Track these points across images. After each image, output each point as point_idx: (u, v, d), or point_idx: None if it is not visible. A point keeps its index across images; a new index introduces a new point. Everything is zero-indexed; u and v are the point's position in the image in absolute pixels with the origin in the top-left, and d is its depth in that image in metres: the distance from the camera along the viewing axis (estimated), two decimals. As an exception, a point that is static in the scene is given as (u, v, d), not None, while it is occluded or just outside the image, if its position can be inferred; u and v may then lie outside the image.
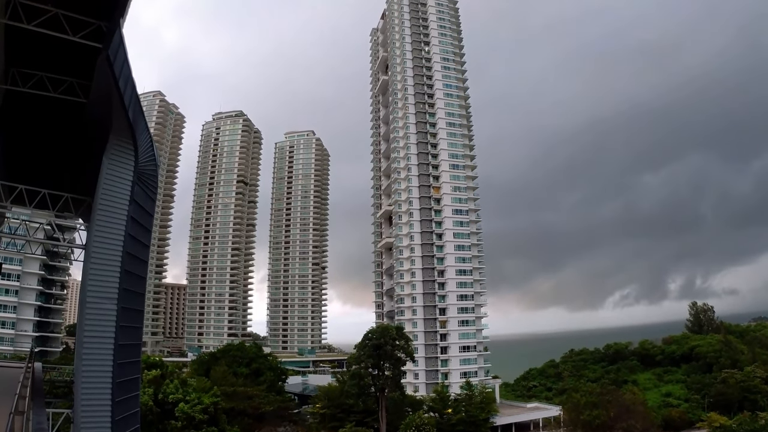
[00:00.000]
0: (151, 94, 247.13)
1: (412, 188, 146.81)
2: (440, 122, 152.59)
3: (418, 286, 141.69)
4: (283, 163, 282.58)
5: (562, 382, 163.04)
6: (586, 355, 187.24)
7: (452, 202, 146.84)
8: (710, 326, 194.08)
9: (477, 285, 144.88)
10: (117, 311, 28.98)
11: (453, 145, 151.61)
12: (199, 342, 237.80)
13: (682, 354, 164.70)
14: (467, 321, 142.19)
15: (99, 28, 24.21)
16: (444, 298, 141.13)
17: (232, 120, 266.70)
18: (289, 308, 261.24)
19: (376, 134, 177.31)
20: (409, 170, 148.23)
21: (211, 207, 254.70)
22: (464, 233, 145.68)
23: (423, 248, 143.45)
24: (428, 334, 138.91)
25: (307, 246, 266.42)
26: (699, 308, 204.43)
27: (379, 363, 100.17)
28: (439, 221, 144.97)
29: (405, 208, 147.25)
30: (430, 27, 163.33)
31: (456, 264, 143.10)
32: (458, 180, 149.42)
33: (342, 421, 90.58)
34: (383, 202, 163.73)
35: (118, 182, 30.51)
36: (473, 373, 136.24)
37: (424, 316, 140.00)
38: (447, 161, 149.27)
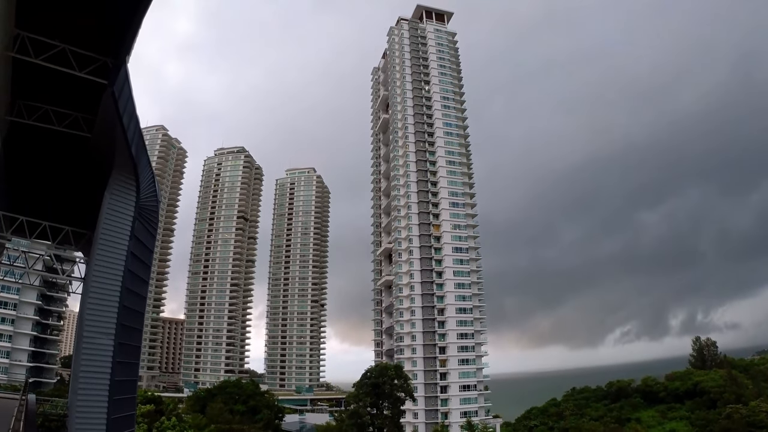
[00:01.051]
0: (154, 128, 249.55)
1: (412, 226, 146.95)
2: (440, 160, 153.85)
3: (418, 324, 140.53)
4: (283, 199, 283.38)
5: (564, 421, 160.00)
6: (588, 393, 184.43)
7: (452, 240, 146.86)
8: (714, 361, 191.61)
9: (477, 323, 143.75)
10: (114, 347, 28.75)
11: (453, 183, 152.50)
12: (195, 378, 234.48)
13: (685, 390, 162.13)
14: (467, 359, 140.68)
15: (105, 64, 24.61)
16: (444, 337, 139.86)
17: (233, 156, 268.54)
18: (287, 345, 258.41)
19: (376, 172, 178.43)
20: (409, 208, 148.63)
21: (211, 242, 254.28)
22: (464, 271, 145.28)
23: (423, 286, 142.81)
24: (428, 373, 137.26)
25: (307, 283, 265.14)
26: (702, 343, 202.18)
27: (377, 402, 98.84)
28: (439, 259, 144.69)
29: (405, 246, 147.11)
30: (430, 66, 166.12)
31: (456, 302, 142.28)
32: (458, 218, 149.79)
33: None
34: (383, 239, 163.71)
35: (119, 217, 30.60)
36: (474, 413, 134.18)
37: (423, 355, 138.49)
38: (447, 199, 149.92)
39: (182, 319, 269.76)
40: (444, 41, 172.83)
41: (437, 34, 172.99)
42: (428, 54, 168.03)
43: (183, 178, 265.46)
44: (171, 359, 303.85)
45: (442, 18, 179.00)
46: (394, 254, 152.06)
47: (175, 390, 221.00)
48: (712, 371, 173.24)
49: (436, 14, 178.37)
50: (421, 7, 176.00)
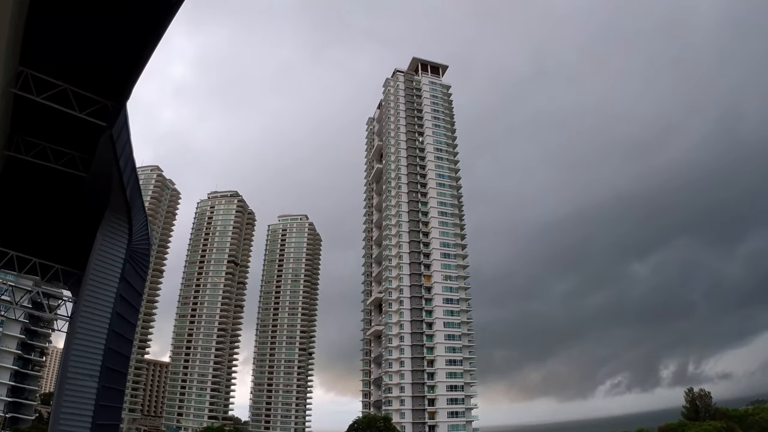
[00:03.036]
0: (149, 168, 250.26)
1: (403, 276, 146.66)
2: (432, 211, 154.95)
3: (407, 375, 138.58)
4: (275, 245, 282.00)
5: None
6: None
7: (443, 291, 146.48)
8: (707, 412, 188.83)
9: (467, 375, 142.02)
10: (98, 390, 28.50)
11: (444, 234, 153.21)
12: (177, 422, 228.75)
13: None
14: (457, 412, 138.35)
15: (105, 106, 25.12)
16: (433, 389, 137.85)
17: (227, 200, 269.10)
18: (273, 393, 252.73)
19: (368, 221, 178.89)
20: (401, 258, 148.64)
21: (200, 285, 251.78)
22: (454, 322, 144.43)
23: (413, 337, 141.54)
24: (416, 425, 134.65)
25: (295, 330, 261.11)
26: (695, 394, 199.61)
27: None
28: (429, 310, 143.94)
29: (395, 296, 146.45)
30: (424, 118, 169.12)
31: (446, 354, 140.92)
32: (449, 269, 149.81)
33: None
34: (373, 289, 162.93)
35: (110, 259, 30.70)
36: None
37: (412, 407, 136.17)
38: (438, 250, 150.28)
39: (167, 362, 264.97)
40: (438, 93, 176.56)
41: (432, 86, 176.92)
42: (423, 105, 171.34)
43: (175, 219, 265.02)
44: (154, 402, 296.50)
45: (437, 71, 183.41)
46: (384, 304, 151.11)
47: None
48: (705, 423, 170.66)
49: (432, 67, 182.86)
50: (417, 60, 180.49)
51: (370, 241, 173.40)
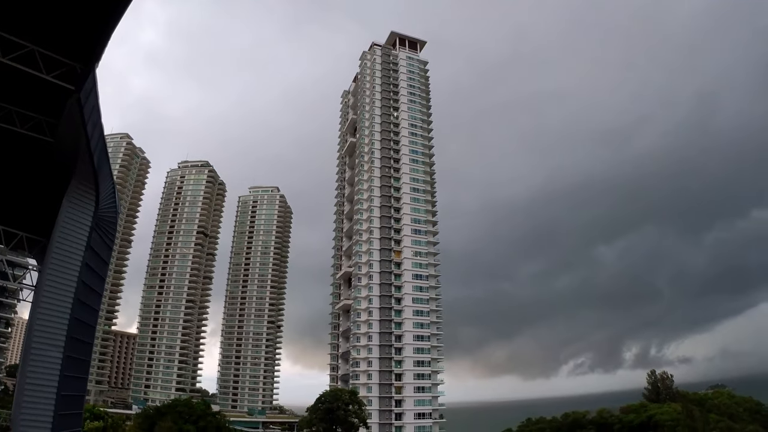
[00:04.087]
0: (118, 136, 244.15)
1: (374, 251, 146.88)
2: (404, 187, 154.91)
3: (375, 350, 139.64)
4: (245, 217, 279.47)
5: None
6: (543, 423, 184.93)
7: (413, 267, 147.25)
8: (668, 395, 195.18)
9: (434, 351, 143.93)
10: (62, 360, 28.05)
11: (416, 211, 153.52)
12: (145, 395, 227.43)
13: (640, 423, 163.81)
14: (424, 387, 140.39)
15: (73, 69, 24.24)
16: (401, 363, 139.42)
17: (197, 170, 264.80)
18: (241, 366, 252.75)
19: (340, 195, 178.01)
20: (371, 233, 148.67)
21: (169, 256, 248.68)
22: (423, 299, 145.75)
23: (381, 312, 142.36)
24: (383, 400, 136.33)
25: (264, 303, 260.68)
26: (657, 377, 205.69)
27: (331, 427, 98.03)
28: (398, 285, 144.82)
29: (365, 271, 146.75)
30: (400, 93, 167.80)
31: (414, 329, 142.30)
32: (419, 245, 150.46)
33: None
34: (343, 263, 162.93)
35: (76, 227, 29.91)
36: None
37: (379, 381, 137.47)
38: (409, 226, 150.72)
39: (134, 334, 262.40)
40: (415, 69, 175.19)
41: (409, 62, 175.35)
42: (399, 80, 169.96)
43: (144, 188, 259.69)
44: (121, 374, 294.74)
45: (415, 46, 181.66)
46: (353, 278, 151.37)
47: (124, 406, 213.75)
48: (666, 404, 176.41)
49: (410, 42, 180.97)
50: (395, 34, 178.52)
51: (341, 215, 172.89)
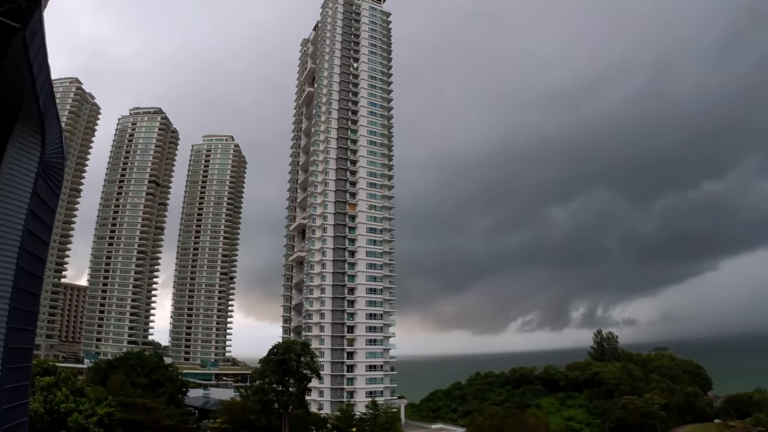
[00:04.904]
0: (67, 81, 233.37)
1: (328, 203, 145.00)
2: (361, 140, 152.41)
3: (328, 302, 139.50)
4: (198, 166, 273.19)
5: (467, 404, 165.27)
6: (491, 378, 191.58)
7: (367, 220, 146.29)
8: (613, 354, 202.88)
9: (387, 305, 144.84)
10: (9, 311, 27.17)
11: (372, 164, 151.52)
12: (96, 348, 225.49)
13: (584, 380, 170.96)
14: (375, 340, 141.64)
15: (18, 6, 23.01)
16: (353, 316, 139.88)
17: (149, 117, 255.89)
18: (193, 318, 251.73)
19: (296, 146, 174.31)
20: (326, 185, 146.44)
21: (120, 206, 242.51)
22: (377, 252, 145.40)
23: (335, 264, 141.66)
24: (335, 352, 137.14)
25: (216, 254, 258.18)
26: (603, 336, 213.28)
27: (283, 379, 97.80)
28: (352, 238, 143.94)
29: (319, 223, 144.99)
30: (361, 44, 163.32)
31: (367, 282, 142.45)
32: (374, 198, 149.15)
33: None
34: (297, 215, 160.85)
35: (20, 173, 28.58)
36: (379, 393, 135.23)
37: (331, 333, 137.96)
38: (365, 179, 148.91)
39: (85, 286, 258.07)
40: (378, 20, 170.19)
41: (372, 12, 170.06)
42: (360, 31, 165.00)
43: (94, 135, 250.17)
44: (72, 328, 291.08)
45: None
46: (307, 230, 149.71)
47: (75, 360, 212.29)
48: (610, 363, 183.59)
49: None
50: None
51: (296, 166, 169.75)
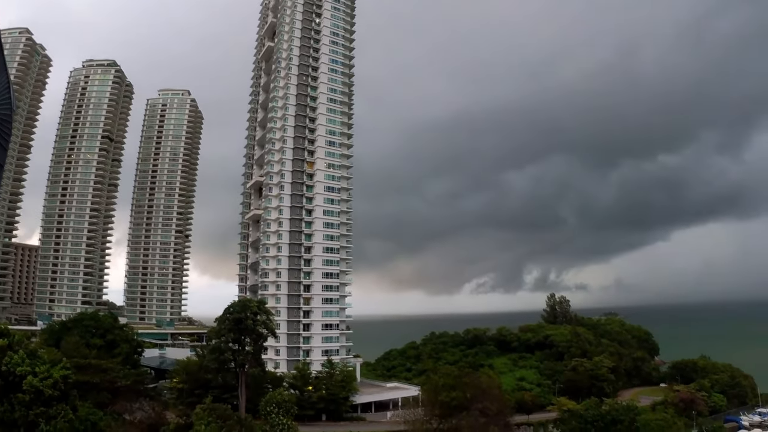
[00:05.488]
0: (16, 31, 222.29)
1: (286, 161, 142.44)
2: (321, 97, 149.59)
3: (284, 260, 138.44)
4: (153, 121, 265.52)
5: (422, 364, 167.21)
6: (446, 338, 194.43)
7: (325, 179, 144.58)
8: (564, 318, 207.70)
9: (343, 264, 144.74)
10: None
11: (331, 122, 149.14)
12: (50, 309, 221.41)
13: (536, 342, 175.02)
14: (331, 299, 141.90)
15: None
16: (309, 275, 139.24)
17: (103, 69, 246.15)
18: (148, 277, 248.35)
19: (254, 102, 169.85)
20: (284, 142, 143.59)
21: (72, 162, 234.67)
22: (334, 211, 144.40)
23: (291, 223, 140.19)
24: (291, 311, 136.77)
25: (172, 212, 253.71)
26: (555, 300, 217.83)
27: (239, 338, 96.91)
28: (310, 197, 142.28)
29: (276, 181, 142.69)
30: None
31: (324, 241, 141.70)
32: (333, 157, 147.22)
33: (200, 397, 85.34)
34: (255, 172, 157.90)
35: None
36: (335, 352, 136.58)
37: (288, 292, 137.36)
38: (324, 137, 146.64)
39: (37, 246, 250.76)
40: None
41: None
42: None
43: (45, 89, 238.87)
44: (24, 289, 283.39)
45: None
46: (264, 188, 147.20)
47: (28, 323, 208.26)
48: (562, 326, 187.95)
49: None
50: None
51: (254, 122, 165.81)
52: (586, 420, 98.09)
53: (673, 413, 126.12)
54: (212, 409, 74.49)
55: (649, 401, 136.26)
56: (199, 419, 72.06)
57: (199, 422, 71.62)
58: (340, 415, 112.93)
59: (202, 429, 70.34)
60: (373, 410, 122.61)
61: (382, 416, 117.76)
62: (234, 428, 72.21)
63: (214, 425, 70.83)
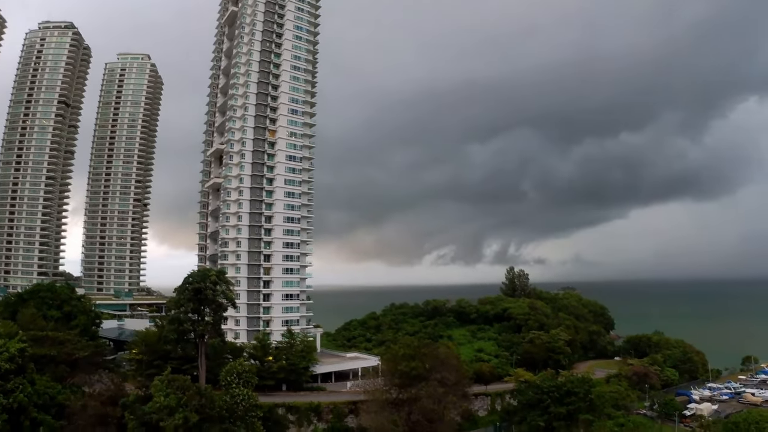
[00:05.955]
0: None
1: (247, 128, 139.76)
2: (285, 64, 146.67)
3: (244, 230, 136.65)
4: (111, 86, 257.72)
5: (382, 334, 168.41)
6: (406, 309, 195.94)
7: (287, 148, 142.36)
8: (523, 291, 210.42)
9: (304, 234, 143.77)
10: None
11: (295, 90, 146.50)
12: (5, 281, 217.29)
13: (495, 314, 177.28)
14: (292, 269, 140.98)
15: None
16: (270, 245, 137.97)
17: (60, 32, 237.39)
18: (106, 246, 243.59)
19: (216, 67, 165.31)
20: (246, 110, 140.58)
21: (27, 128, 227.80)
22: (296, 180, 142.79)
23: (252, 192, 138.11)
24: (251, 280, 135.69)
25: (130, 180, 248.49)
26: (514, 273, 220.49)
27: (199, 308, 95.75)
28: (271, 166, 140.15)
29: (237, 149, 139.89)
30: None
31: (285, 211, 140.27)
32: (295, 126, 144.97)
33: (160, 368, 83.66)
34: (215, 140, 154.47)
35: None
36: (295, 322, 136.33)
37: (248, 262, 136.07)
38: (286, 105, 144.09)
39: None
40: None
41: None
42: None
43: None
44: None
45: None
46: (225, 156, 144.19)
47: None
48: (520, 299, 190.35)
49: None
50: None
51: (215, 89, 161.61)
52: (542, 391, 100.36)
53: (627, 386, 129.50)
54: (171, 380, 73.70)
55: (603, 374, 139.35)
56: (158, 390, 71.40)
57: (158, 394, 70.97)
58: (301, 385, 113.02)
59: (161, 400, 69.82)
60: (333, 380, 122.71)
61: (343, 386, 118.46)
62: (193, 399, 71.60)
63: (173, 396, 70.30)
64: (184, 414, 68.81)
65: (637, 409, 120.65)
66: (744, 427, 77.32)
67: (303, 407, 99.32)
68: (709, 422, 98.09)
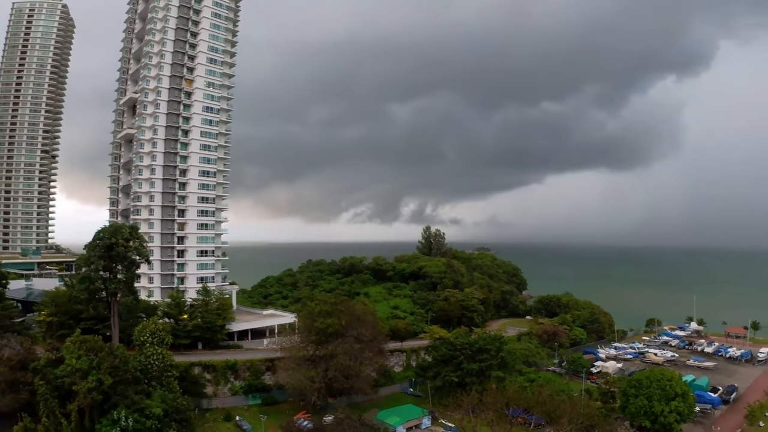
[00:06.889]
0: None
1: (163, 77, 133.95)
2: (205, 10, 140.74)
3: (158, 184, 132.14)
4: (18, 28, 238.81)
5: (298, 291, 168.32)
6: (322, 266, 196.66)
7: (204, 99, 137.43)
8: (439, 250, 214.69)
9: (220, 188, 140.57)
10: None
11: (214, 38, 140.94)
12: None
13: (411, 272, 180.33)
14: (207, 225, 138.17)
15: None
16: (184, 199, 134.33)
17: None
18: (11, 201, 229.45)
19: (132, 11, 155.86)
20: (162, 57, 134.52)
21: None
22: (212, 133, 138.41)
23: (166, 144, 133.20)
24: (165, 236, 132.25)
25: (37, 130, 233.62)
26: (431, 233, 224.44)
27: (111, 265, 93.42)
28: (187, 116, 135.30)
29: (152, 98, 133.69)
30: None
31: (200, 164, 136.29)
32: (214, 76, 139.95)
33: (71, 329, 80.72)
34: (129, 88, 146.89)
35: None
36: (210, 279, 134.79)
37: (161, 217, 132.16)
38: (205, 54, 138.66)
39: None
40: None
41: None
42: None
43: None
44: None
45: None
46: (139, 105, 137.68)
47: None
48: (436, 258, 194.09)
49: None
50: None
51: (131, 33, 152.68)
52: (455, 347, 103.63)
53: (537, 344, 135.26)
54: (83, 341, 71.36)
55: (515, 332, 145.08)
56: (70, 353, 68.97)
57: (69, 356, 68.54)
58: (217, 344, 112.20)
59: (73, 363, 67.47)
60: (249, 338, 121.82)
61: (259, 343, 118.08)
62: (106, 360, 69.42)
63: (85, 359, 67.97)
64: (97, 376, 66.67)
65: (546, 366, 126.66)
66: (646, 384, 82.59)
67: (220, 366, 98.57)
68: (614, 379, 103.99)
